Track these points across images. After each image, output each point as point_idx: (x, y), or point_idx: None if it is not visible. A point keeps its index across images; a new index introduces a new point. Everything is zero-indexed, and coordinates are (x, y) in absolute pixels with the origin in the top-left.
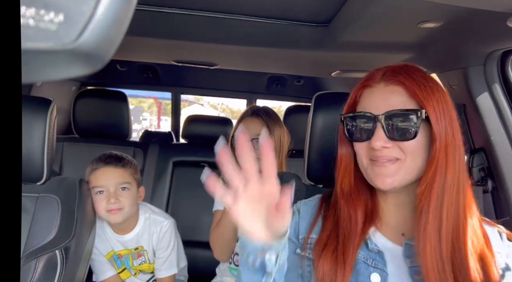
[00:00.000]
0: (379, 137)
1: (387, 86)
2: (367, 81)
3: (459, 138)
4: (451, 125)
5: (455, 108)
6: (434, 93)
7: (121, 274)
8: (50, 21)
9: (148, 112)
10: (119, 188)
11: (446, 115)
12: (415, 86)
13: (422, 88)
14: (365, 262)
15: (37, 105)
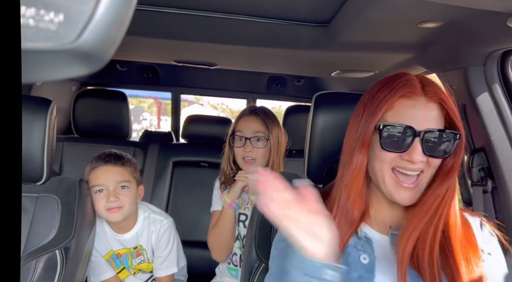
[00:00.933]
0: (418, 152)
1: (429, 103)
2: (407, 92)
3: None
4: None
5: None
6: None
7: (120, 273)
8: (50, 21)
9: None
10: (118, 187)
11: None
12: (452, 107)
13: (455, 110)
14: (355, 246)
15: (37, 105)
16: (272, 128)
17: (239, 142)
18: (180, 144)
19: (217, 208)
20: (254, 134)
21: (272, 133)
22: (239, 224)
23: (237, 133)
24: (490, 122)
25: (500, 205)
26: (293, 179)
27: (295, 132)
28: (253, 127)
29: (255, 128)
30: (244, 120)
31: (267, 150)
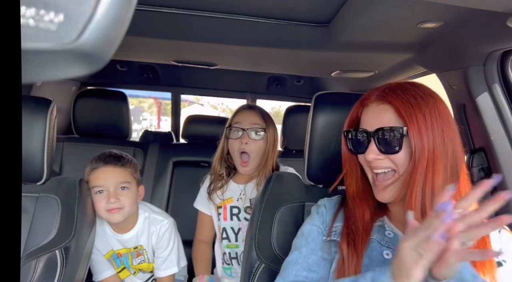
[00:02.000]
0: (371, 150)
1: (379, 106)
2: (364, 101)
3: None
4: (441, 136)
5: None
6: (422, 109)
7: (121, 273)
8: (50, 21)
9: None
10: (118, 187)
11: (436, 128)
12: (400, 105)
13: (408, 106)
14: (379, 242)
15: (37, 105)
16: (269, 124)
17: (235, 133)
18: (180, 144)
19: (202, 208)
20: (252, 126)
21: (269, 128)
22: (232, 218)
23: (234, 125)
24: (490, 122)
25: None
26: (293, 178)
27: (295, 132)
28: (251, 119)
29: (252, 120)
30: (241, 114)
31: (263, 143)
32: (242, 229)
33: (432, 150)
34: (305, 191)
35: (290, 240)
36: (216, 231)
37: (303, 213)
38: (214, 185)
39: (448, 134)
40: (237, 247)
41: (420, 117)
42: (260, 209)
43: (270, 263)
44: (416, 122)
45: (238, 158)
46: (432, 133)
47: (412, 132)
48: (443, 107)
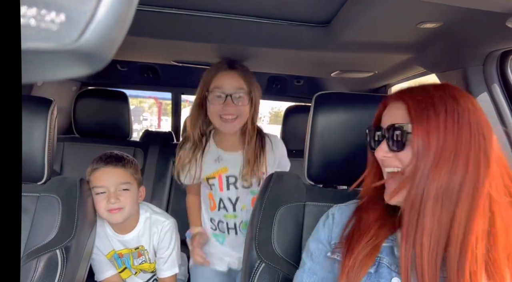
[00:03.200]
0: (381, 148)
1: (394, 104)
2: (386, 100)
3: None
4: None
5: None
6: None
7: (122, 273)
8: (51, 21)
9: (149, 113)
10: (119, 188)
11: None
12: (412, 103)
13: (420, 105)
14: (388, 267)
15: (38, 105)
16: (253, 84)
17: (217, 99)
18: None
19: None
20: (236, 91)
21: (253, 89)
22: (229, 187)
23: (215, 91)
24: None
25: None
26: (293, 178)
27: (295, 132)
28: (234, 83)
29: (236, 84)
30: (222, 76)
31: (248, 107)
32: (240, 197)
33: (440, 153)
34: (305, 191)
35: (290, 240)
36: (206, 200)
37: (303, 212)
38: (194, 155)
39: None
40: (235, 217)
41: (431, 117)
42: (261, 208)
43: (271, 263)
44: (425, 121)
45: (218, 120)
46: (444, 136)
47: (416, 131)
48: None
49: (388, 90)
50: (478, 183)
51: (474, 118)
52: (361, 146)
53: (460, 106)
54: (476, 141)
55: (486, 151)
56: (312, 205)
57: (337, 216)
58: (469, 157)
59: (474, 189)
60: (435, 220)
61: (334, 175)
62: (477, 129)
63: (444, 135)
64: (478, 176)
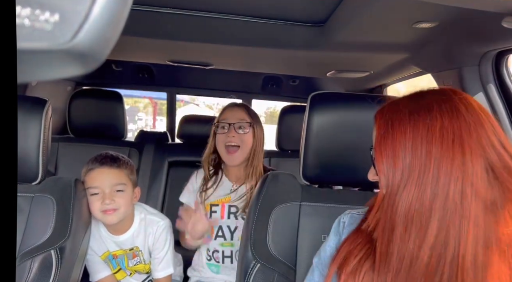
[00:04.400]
0: (370, 171)
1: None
2: None
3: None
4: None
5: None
6: (402, 127)
7: (117, 274)
8: (45, 21)
9: (144, 112)
10: (114, 189)
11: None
12: (379, 123)
13: (385, 125)
14: None
15: (32, 105)
16: (255, 120)
17: (222, 129)
18: (175, 144)
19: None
20: (238, 121)
21: (256, 124)
22: (229, 216)
23: (221, 121)
24: None
25: None
26: (289, 178)
27: (290, 132)
28: (237, 115)
29: (239, 116)
30: (228, 110)
31: (250, 136)
32: (238, 227)
33: (408, 173)
34: (301, 191)
35: (285, 240)
36: (208, 236)
37: (299, 213)
38: (205, 185)
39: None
40: (232, 246)
41: (397, 136)
42: (256, 208)
43: (266, 263)
44: (390, 143)
45: (224, 150)
46: (411, 154)
47: (378, 157)
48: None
49: (384, 90)
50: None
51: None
52: (357, 146)
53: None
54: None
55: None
56: (308, 205)
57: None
58: (439, 172)
59: (445, 205)
60: (403, 246)
61: (329, 175)
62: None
63: (412, 154)
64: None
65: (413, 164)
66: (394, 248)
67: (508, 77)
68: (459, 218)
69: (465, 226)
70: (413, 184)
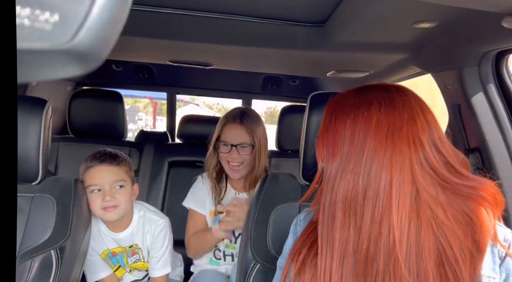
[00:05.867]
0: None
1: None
2: None
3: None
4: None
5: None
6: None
7: (116, 271)
8: (45, 21)
9: (144, 112)
10: (114, 186)
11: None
12: (325, 113)
13: (329, 115)
14: None
15: (32, 105)
16: (257, 133)
17: (224, 147)
18: (175, 144)
19: (196, 208)
20: (240, 143)
21: (257, 138)
22: None
23: (223, 141)
24: (485, 122)
25: None
26: (288, 178)
27: (290, 132)
28: (239, 137)
29: (241, 139)
30: (229, 129)
31: (253, 155)
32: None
33: (344, 161)
34: (301, 191)
35: (285, 240)
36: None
37: (299, 212)
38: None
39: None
40: (234, 249)
41: (338, 127)
42: (256, 208)
43: (266, 263)
44: (332, 132)
45: (227, 166)
46: (349, 144)
47: (320, 143)
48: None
49: None
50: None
51: (385, 120)
52: None
53: (370, 111)
54: (382, 144)
55: (395, 154)
56: (308, 205)
57: (304, 221)
58: (372, 162)
59: (377, 195)
60: (344, 232)
61: None
62: (386, 132)
63: (350, 144)
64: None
65: (350, 153)
66: (335, 234)
67: (508, 77)
68: (389, 207)
69: (395, 216)
70: (349, 172)
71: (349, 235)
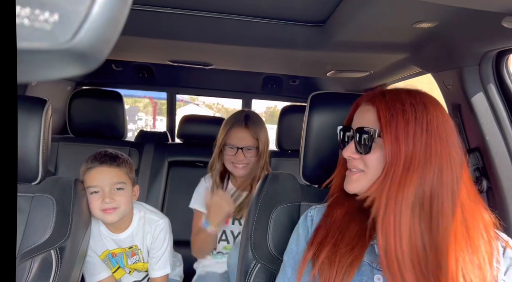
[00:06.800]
0: (349, 148)
1: (365, 106)
2: (359, 100)
3: (439, 162)
4: (424, 148)
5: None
6: (406, 115)
7: (116, 273)
8: (45, 21)
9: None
10: (114, 188)
11: (419, 138)
12: (382, 108)
13: (390, 111)
14: (370, 264)
15: (32, 105)
16: (261, 136)
17: (230, 150)
18: (175, 144)
19: (202, 208)
20: (245, 146)
21: (261, 141)
22: (234, 222)
23: (229, 144)
24: (485, 122)
25: (495, 205)
26: (289, 178)
27: (290, 132)
28: (245, 140)
29: (246, 142)
30: (235, 133)
31: (257, 157)
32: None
33: (410, 159)
34: (301, 191)
35: (286, 240)
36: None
37: (299, 213)
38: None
39: (435, 148)
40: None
41: (400, 123)
42: (256, 209)
43: (266, 263)
44: (395, 127)
45: (231, 166)
46: (413, 143)
47: (386, 137)
48: (436, 119)
49: None
50: (448, 192)
51: (442, 127)
52: None
53: (430, 114)
54: (445, 150)
55: (456, 161)
56: (308, 205)
57: (316, 216)
58: (441, 165)
59: (446, 198)
60: (413, 227)
61: (329, 175)
62: (447, 139)
63: (413, 142)
64: (451, 184)
65: (415, 153)
66: (402, 229)
67: (508, 77)
68: (454, 207)
69: (458, 215)
70: (416, 172)
71: (418, 230)
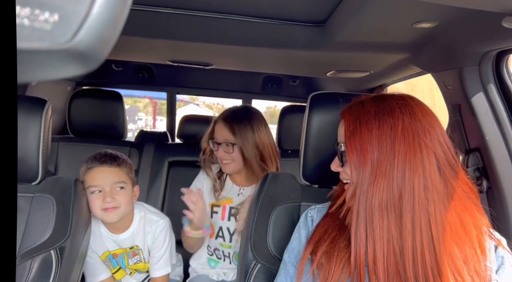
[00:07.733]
0: (334, 162)
1: (341, 121)
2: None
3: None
4: (386, 148)
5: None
6: (367, 124)
7: (116, 273)
8: (45, 21)
9: (144, 112)
10: (114, 187)
11: (380, 141)
12: (347, 120)
13: (352, 122)
14: None
15: (32, 105)
16: (242, 134)
17: (214, 145)
18: (175, 144)
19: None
20: (223, 141)
21: (241, 138)
22: (230, 218)
23: (212, 139)
24: (485, 122)
25: (495, 205)
26: (289, 178)
27: (290, 132)
28: (222, 135)
29: (224, 136)
30: (217, 127)
31: (237, 153)
32: (237, 230)
33: (376, 165)
34: (301, 191)
35: (286, 240)
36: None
37: (299, 213)
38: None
39: (399, 149)
40: (230, 248)
41: (364, 133)
42: (256, 209)
43: (266, 263)
44: (359, 138)
45: (220, 162)
46: (378, 149)
47: (350, 150)
48: (402, 121)
49: (384, 90)
50: (415, 191)
51: (409, 128)
52: None
53: (394, 118)
54: (410, 151)
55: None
56: (308, 205)
57: (317, 216)
58: (405, 167)
59: (413, 198)
60: (390, 233)
61: (329, 175)
62: (413, 140)
63: (379, 149)
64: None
65: (381, 159)
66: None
67: (508, 77)
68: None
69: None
70: (382, 177)
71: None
